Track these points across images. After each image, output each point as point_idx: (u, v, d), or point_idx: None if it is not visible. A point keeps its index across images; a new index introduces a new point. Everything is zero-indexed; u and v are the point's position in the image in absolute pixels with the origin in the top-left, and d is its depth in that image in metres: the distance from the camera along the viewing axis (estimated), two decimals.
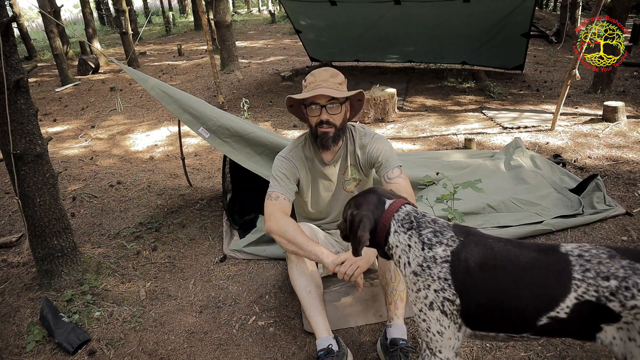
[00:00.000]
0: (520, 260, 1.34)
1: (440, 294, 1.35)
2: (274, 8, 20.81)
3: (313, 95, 1.83)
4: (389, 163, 1.95)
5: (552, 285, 1.28)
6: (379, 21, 6.95)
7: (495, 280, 1.33)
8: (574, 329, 1.29)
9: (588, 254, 1.31)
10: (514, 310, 1.31)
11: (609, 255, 1.29)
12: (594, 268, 1.27)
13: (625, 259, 1.27)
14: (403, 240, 1.43)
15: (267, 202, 1.90)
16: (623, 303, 1.22)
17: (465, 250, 1.37)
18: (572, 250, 1.33)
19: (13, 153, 2.24)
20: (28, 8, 26.15)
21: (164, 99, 2.81)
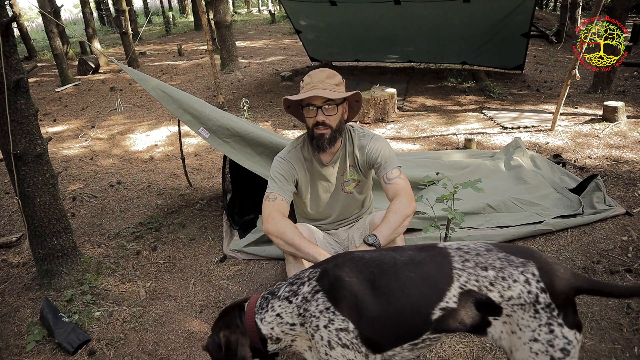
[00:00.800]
0: (398, 260, 1.34)
1: (331, 327, 1.28)
2: (274, 8, 20.81)
3: (308, 96, 1.83)
4: (388, 164, 1.95)
5: (437, 277, 1.30)
6: (379, 21, 6.95)
7: (378, 286, 1.30)
8: (467, 319, 1.30)
9: (466, 248, 1.35)
10: (407, 309, 1.29)
11: (486, 249, 1.33)
12: (472, 259, 1.30)
13: (502, 252, 1.31)
14: (270, 318, 1.38)
15: (265, 203, 1.90)
16: (502, 293, 1.25)
17: (333, 272, 1.33)
18: (450, 245, 1.37)
19: (13, 153, 2.24)
20: (28, 8, 26.16)
21: (164, 99, 2.81)
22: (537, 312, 1.23)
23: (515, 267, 1.27)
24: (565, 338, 1.22)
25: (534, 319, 1.23)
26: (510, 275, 1.26)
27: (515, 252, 1.32)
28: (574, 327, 1.24)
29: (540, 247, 2.69)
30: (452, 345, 1.98)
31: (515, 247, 1.36)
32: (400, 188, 1.88)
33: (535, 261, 1.29)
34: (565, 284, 1.26)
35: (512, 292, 1.25)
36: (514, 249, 1.34)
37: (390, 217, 1.78)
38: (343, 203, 2.13)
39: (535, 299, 1.23)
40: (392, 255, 1.37)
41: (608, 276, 2.38)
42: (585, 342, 1.96)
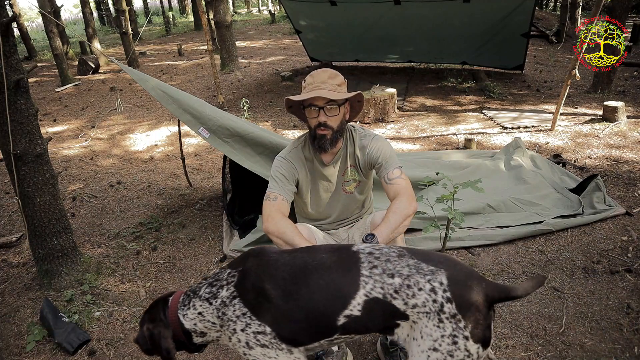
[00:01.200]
0: (309, 264, 1.34)
1: (248, 331, 1.32)
2: (274, 8, 20.81)
3: (311, 97, 1.83)
4: (389, 164, 1.94)
5: (343, 284, 1.29)
6: (379, 21, 6.95)
7: (289, 292, 1.32)
8: (372, 325, 1.30)
9: (378, 252, 1.33)
10: (315, 315, 1.30)
11: (398, 254, 1.31)
12: (381, 265, 1.29)
13: (414, 259, 1.29)
14: (192, 315, 1.41)
15: (266, 203, 1.90)
16: (406, 301, 1.24)
17: (248, 278, 1.35)
18: (363, 249, 1.35)
19: (13, 153, 2.24)
20: (28, 8, 26.17)
21: (164, 99, 2.80)
22: (442, 321, 1.21)
23: (423, 275, 1.26)
24: (467, 351, 1.20)
25: (438, 328, 1.21)
26: (416, 284, 1.24)
27: (427, 260, 1.30)
28: (479, 341, 1.21)
29: (540, 247, 2.69)
30: None
31: (431, 254, 1.34)
32: (401, 188, 1.88)
33: (446, 269, 1.27)
34: (476, 295, 1.23)
35: (417, 300, 1.23)
36: (428, 256, 1.32)
37: (391, 217, 1.78)
38: (343, 203, 2.13)
39: (440, 308, 1.21)
40: (305, 259, 1.37)
41: (608, 276, 2.38)
42: (585, 342, 1.96)
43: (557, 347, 1.94)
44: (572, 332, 2.03)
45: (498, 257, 2.63)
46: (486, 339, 1.23)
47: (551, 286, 2.33)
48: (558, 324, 2.07)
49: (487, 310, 1.25)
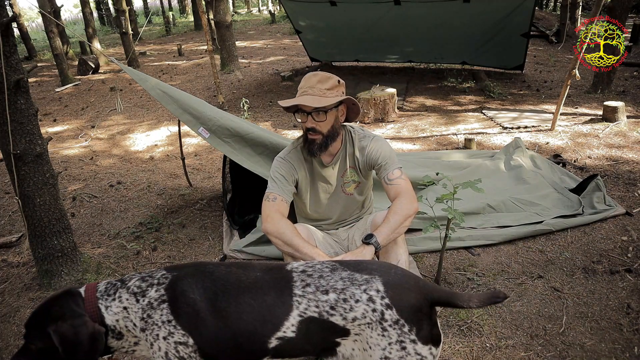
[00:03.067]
0: (242, 282, 1.29)
1: (170, 340, 1.23)
2: (274, 8, 20.80)
3: (295, 103, 1.81)
4: (389, 165, 1.94)
5: (275, 305, 1.23)
6: (379, 21, 6.95)
7: (218, 308, 1.25)
8: (310, 346, 1.25)
9: (311, 270, 1.28)
10: (243, 336, 1.24)
11: (331, 269, 1.27)
12: (314, 282, 1.24)
13: (346, 271, 1.25)
14: (117, 309, 1.27)
15: (265, 203, 1.90)
16: (344, 316, 1.19)
17: (180, 285, 1.27)
18: (296, 267, 1.31)
19: (13, 153, 2.24)
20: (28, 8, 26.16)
21: (164, 99, 2.80)
22: (385, 330, 1.18)
23: (358, 285, 1.22)
24: (418, 354, 1.17)
25: (383, 337, 1.18)
26: (352, 296, 1.20)
27: (361, 269, 1.26)
28: (428, 342, 1.19)
29: (540, 247, 2.69)
30: (452, 345, 1.98)
31: (363, 264, 1.30)
32: (402, 188, 1.88)
33: (381, 276, 1.23)
34: (416, 297, 1.21)
35: (356, 313, 1.19)
36: (361, 265, 1.29)
37: (391, 218, 1.78)
38: (343, 204, 2.13)
39: (381, 316, 1.18)
40: (239, 276, 1.30)
41: (608, 276, 2.38)
42: (585, 342, 1.96)
43: (557, 347, 1.94)
44: (572, 332, 2.03)
45: (498, 257, 2.63)
46: (435, 338, 1.21)
47: (551, 286, 2.33)
48: (558, 324, 2.07)
49: (429, 310, 1.22)
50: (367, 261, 1.34)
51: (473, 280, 2.41)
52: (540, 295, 2.27)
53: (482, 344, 1.98)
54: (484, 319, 2.12)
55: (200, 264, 1.36)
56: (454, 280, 2.42)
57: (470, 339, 2.01)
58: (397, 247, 1.93)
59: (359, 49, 8.01)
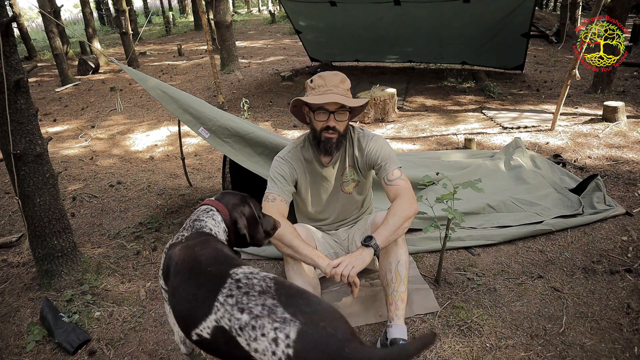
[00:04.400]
0: (194, 270, 1.30)
1: (160, 281, 1.44)
2: (274, 8, 20.81)
3: (326, 101, 1.81)
4: (389, 165, 1.94)
5: (201, 301, 1.22)
6: (379, 22, 6.95)
7: (174, 284, 1.33)
8: (224, 353, 1.23)
9: (246, 281, 1.21)
10: (179, 318, 1.29)
11: (262, 290, 1.18)
12: (237, 296, 1.18)
13: (274, 299, 1.16)
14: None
15: (264, 204, 1.90)
16: (248, 342, 1.13)
17: (174, 248, 1.40)
18: (237, 273, 1.25)
19: (13, 153, 2.24)
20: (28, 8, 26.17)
21: (163, 99, 2.80)
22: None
23: (273, 320, 1.11)
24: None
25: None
26: (262, 327, 1.11)
27: (291, 304, 1.14)
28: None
29: (540, 247, 2.69)
30: (452, 345, 1.98)
31: (303, 299, 1.17)
32: (401, 189, 1.88)
33: (303, 323, 1.09)
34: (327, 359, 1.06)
35: (258, 346, 1.11)
36: (296, 300, 1.16)
37: (390, 219, 1.78)
38: (342, 203, 2.13)
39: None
40: (198, 263, 1.31)
41: (608, 276, 2.38)
42: (585, 342, 1.96)
43: (557, 347, 1.94)
44: (572, 332, 2.02)
45: (498, 257, 2.63)
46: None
47: (551, 286, 2.33)
48: (558, 324, 2.07)
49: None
50: (311, 298, 1.18)
51: (473, 280, 2.41)
52: (540, 295, 2.27)
53: (482, 344, 1.98)
54: (484, 319, 2.12)
55: (199, 237, 1.43)
56: (454, 280, 2.42)
57: (470, 339, 2.01)
58: (397, 248, 1.93)
59: (359, 49, 8.01)
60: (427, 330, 2.09)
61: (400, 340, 1.82)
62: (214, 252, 1.36)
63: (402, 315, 1.90)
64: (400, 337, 1.84)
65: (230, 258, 1.35)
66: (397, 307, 1.90)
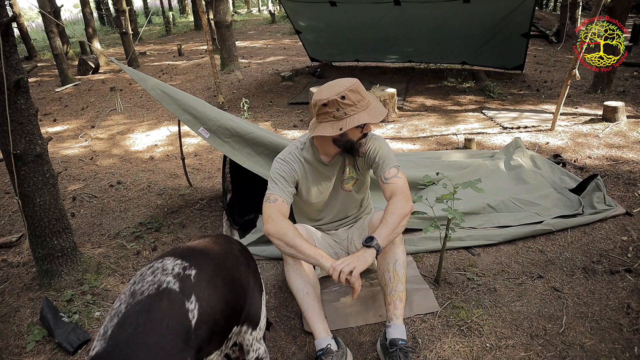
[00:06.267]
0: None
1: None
2: (274, 8, 20.81)
3: (384, 116, 1.86)
4: (386, 163, 1.95)
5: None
6: (379, 22, 6.95)
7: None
8: None
9: (135, 296, 1.19)
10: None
11: (131, 306, 1.16)
12: (134, 285, 1.22)
13: (112, 321, 1.14)
14: None
15: (266, 205, 1.90)
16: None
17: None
18: (163, 261, 1.29)
19: (13, 153, 2.24)
20: (28, 8, 26.17)
21: (163, 99, 2.80)
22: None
23: (99, 333, 1.13)
24: None
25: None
26: (105, 331, 1.13)
27: (123, 325, 1.12)
28: None
29: (540, 247, 2.69)
30: (452, 345, 1.98)
31: (141, 325, 1.13)
32: (397, 187, 1.88)
33: (108, 340, 1.10)
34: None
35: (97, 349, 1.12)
36: (134, 323, 1.13)
37: (388, 218, 1.78)
38: (342, 201, 2.13)
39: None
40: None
41: (608, 276, 2.38)
42: (585, 342, 1.96)
43: (557, 347, 1.94)
44: (572, 332, 2.03)
45: (498, 257, 2.63)
46: None
47: (551, 286, 2.33)
48: (558, 324, 2.07)
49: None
50: (148, 323, 1.13)
51: (473, 280, 2.41)
52: (540, 295, 2.27)
53: (482, 344, 1.98)
54: (484, 319, 2.12)
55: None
56: (454, 280, 2.42)
57: (470, 339, 2.01)
58: (395, 247, 1.93)
59: (359, 49, 8.01)
60: (427, 330, 2.09)
61: (399, 341, 1.82)
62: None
63: (400, 315, 1.90)
64: (399, 337, 1.84)
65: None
66: (396, 307, 1.90)
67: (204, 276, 1.30)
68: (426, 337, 2.04)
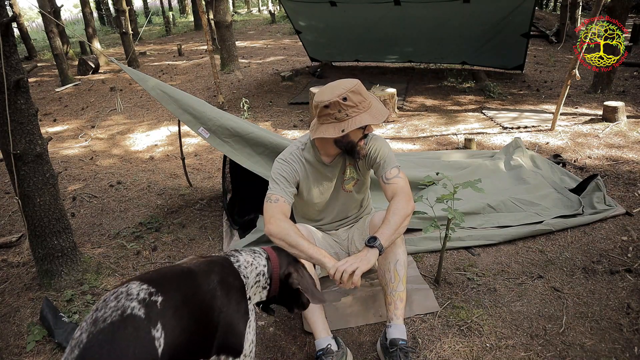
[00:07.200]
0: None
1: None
2: (274, 8, 20.80)
3: (386, 117, 1.85)
4: (387, 163, 1.95)
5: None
6: (379, 22, 6.95)
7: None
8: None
9: (115, 297, 1.20)
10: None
11: (100, 320, 1.14)
12: (96, 312, 1.17)
13: (98, 336, 1.11)
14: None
15: (267, 205, 1.89)
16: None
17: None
18: (128, 285, 1.24)
19: (13, 153, 2.24)
20: (28, 8, 26.17)
21: (163, 99, 2.80)
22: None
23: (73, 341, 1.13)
24: None
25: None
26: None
27: (95, 336, 1.10)
28: None
29: (540, 247, 2.69)
30: (452, 345, 1.98)
31: (115, 338, 1.11)
32: (398, 188, 1.88)
33: (86, 345, 1.09)
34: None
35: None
36: (107, 332, 1.11)
37: (391, 218, 1.78)
38: (342, 202, 2.13)
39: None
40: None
41: (608, 276, 2.38)
42: (585, 342, 1.96)
43: (557, 347, 1.94)
44: (572, 332, 2.03)
45: (498, 257, 2.63)
46: None
47: (551, 286, 2.33)
48: (558, 324, 2.07)
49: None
50: (112, 352, 1.10)
51: (473, 280, 2.41)
52: (540, 295, 2.27)
53: (482, 344, 1.98)
54: (484, 319, 2.12)
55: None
56: (454, 280, 2.42)
57: (470, 339, 2.01)
58: (396, 247, 1.93)
59: (359, 49, 8.01)
60: (427, 330, 2.09)
61: (399, 341, 1.82)
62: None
63: (401, 315, 1.90)
64: (399, 337, 1.83)
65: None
66: (396, 307, 1.90)
67: (171, 304, 1.24)
68: (426, 337, 2.04)
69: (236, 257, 1.56)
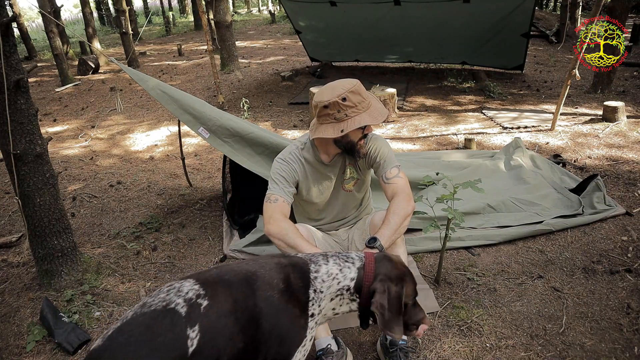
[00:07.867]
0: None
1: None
2: (274, 8, 20.80)
3: (385, 117, 1.85)
4: (387, 163, 1.95)
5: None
6: (379, 22, 6.95)
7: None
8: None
9: (167, 289, 1.28)
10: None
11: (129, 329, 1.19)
12: (148, 297, 1.27)
13: (139, 318, 1.20)
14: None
15: (266, 205, 1.89)
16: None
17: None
18: (183, 281, 1.30)
19: (13, 153, 2.24)
20: (28, 8, 26.17)
21: (163, 99, 2.80)
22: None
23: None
24: None
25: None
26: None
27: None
28: None
29: (540, 247, 2.69)
30: (452, 345, 1.98)
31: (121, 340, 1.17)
32: (398, 187, 1.88)
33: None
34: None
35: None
36: (130, 342, 1.16)
37: (391, 218, 1.78)
38: (342, 201, 2.13)
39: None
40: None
41: (608, 276, 2.38)
42: (585, 342, 1.96)
43: (557, 347, 1.94)
44: (572, 332, 2.03)
45: (498, 257, 2.63)
46: None
47: (551, 286, 2.33)
48: (558, 324, 2.07)
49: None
50: (143, 335, 1.18)
51: (473, 280, 2.41)
52: (540, 295, 2.27)
53: (482, 344, 1.98)
54: (484, 319, 2.12)
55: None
56: (454, 280, 2.42)
57: (470, 339, 2.01)
58: (397, 248, 1.93)
59: (359, 49, 8.00)
60: (427, 330, 2.09)
61: (399, 341, 1.82)
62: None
63: None
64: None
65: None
66: None
67: (215, 310, 1.24)
68: (426, 337, 2.04)
69: (318, 266, 1.42)
